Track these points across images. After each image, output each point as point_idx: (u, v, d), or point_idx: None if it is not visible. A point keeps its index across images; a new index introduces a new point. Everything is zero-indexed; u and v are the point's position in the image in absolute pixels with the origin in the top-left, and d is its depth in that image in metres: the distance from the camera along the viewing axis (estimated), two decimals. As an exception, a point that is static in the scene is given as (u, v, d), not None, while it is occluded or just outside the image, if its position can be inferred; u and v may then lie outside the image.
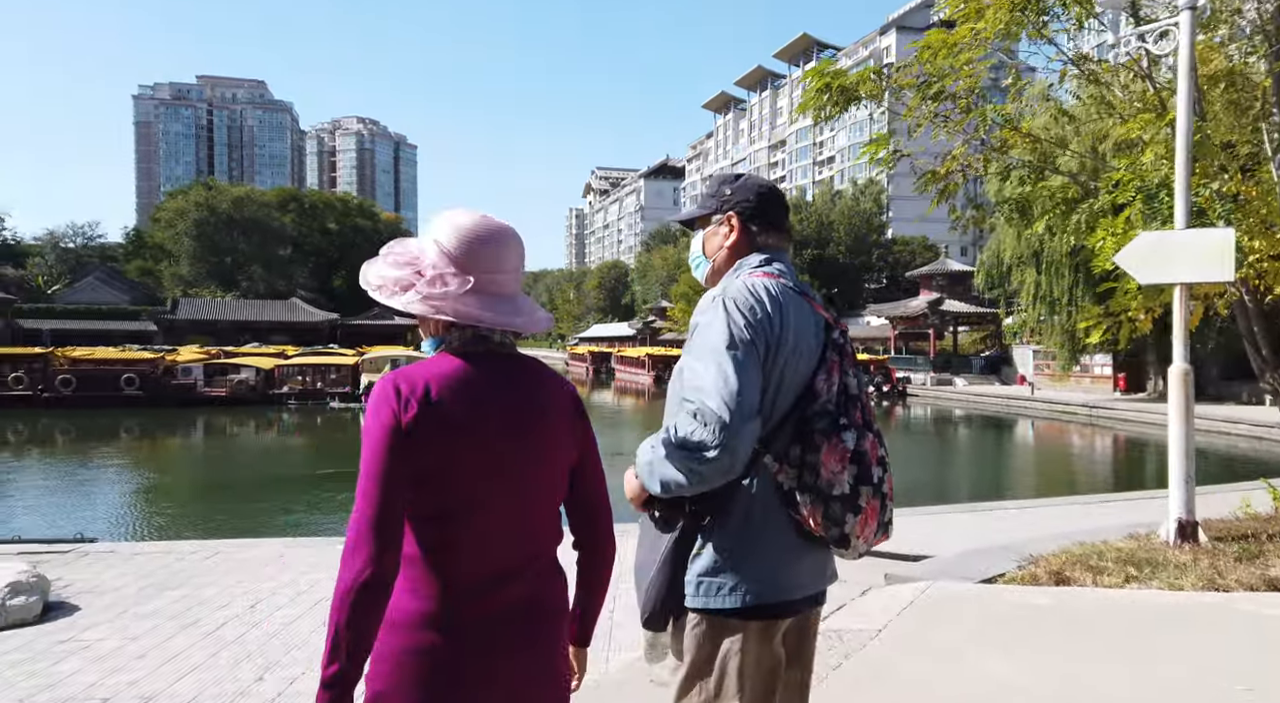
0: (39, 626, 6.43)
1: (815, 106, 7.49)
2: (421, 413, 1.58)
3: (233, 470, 21.32)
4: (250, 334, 67.27)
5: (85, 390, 36.70)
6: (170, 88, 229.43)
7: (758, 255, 2.15)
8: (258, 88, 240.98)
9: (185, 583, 7.62)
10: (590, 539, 1.94)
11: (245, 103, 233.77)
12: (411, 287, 1.69)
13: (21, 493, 18.65)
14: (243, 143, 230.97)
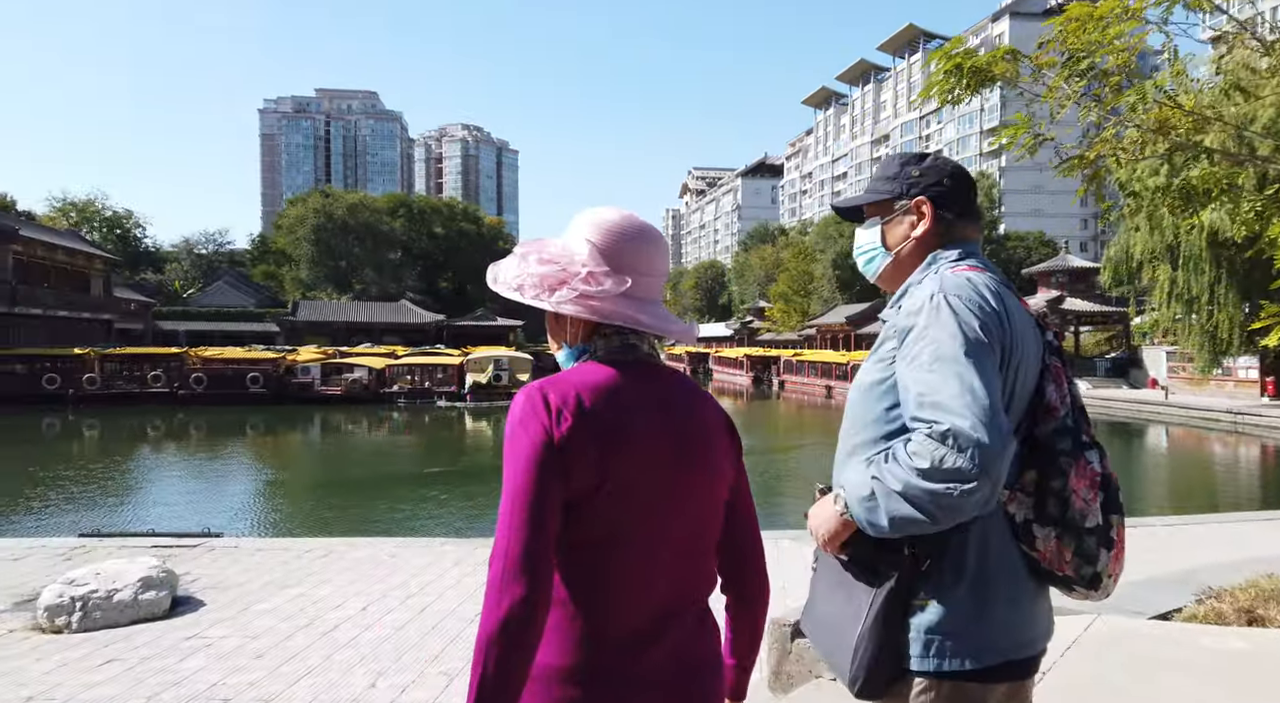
0: (167, 620, 6.65)
1: (943, 90, 6.92)
2: (576, 426, 1.39)
3: (345, 468, 22.14)
4: (363, 335, 70.24)
5: (215, 388, 39.11)
6: (292, 101, 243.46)
7: (954, 248, 1.83)
8: (370, 98, 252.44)
9: (302, 581, 7.77)
10: (744, 582, 1.68)
11: (359, 113, 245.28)
12: (562, 285, 1.51)
13: (157, 486, 19.91)
14: (357, 152, 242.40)
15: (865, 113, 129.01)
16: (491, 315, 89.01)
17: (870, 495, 1.57)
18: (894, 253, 1.90)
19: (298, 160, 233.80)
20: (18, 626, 6.51)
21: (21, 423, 32.07)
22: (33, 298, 51.23)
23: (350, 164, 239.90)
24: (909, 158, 1.92)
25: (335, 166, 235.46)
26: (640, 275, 1.54)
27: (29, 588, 7.50)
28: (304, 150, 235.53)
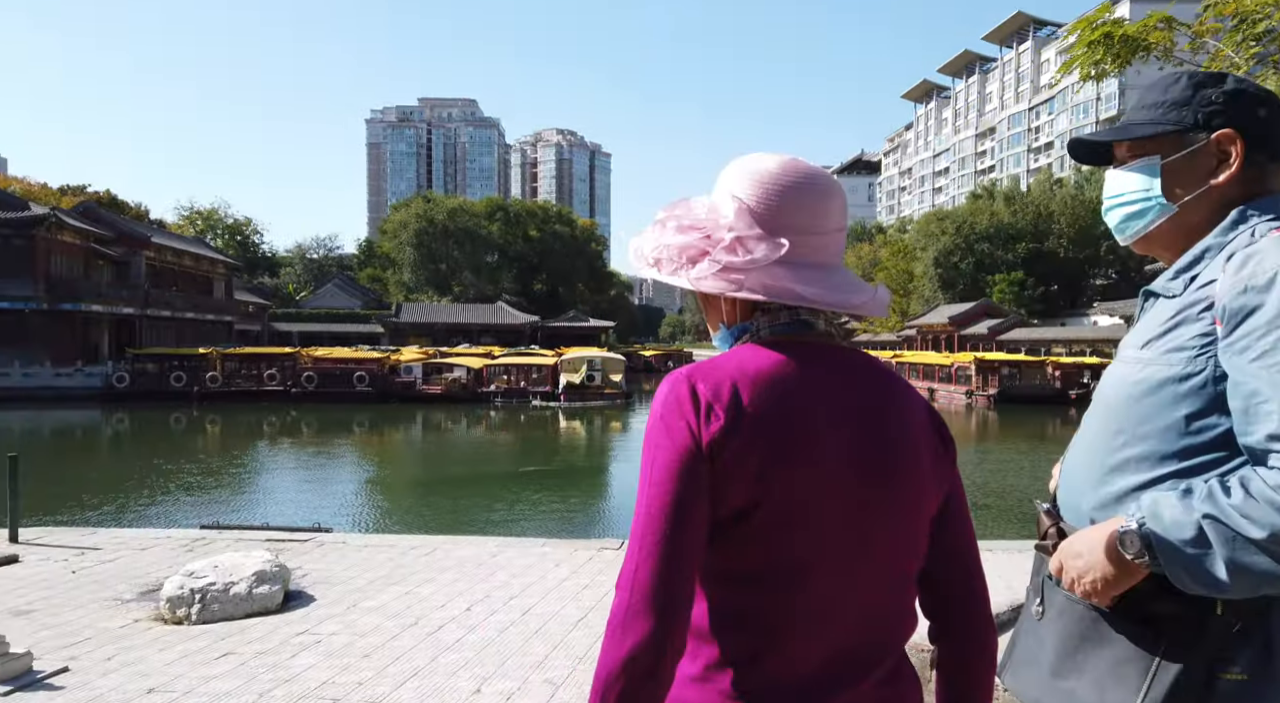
0: (280, 615, 6.75)
1: (1086, 63, 6.31)
2: (730, 426, 1.08)
3: (445, 466, 22.63)
4: (461, 335, 72.22)
5: (325, 387, 40.86)
6: (396, 111, 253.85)
7: (1264, 203, 1.35)
8: (469, 106, 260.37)
9: (406, 579, 7.79)
10: (960, 623, 1.27)
11: (459, 121, 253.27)
12: (703, 256, 1.18)
13: (271, 481, 20.82)
14: (456, 158, 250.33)
15: (969, 105, 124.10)
16: (583, 316, 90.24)
17: (1197, 539, 1.15)
18: (1178, 204, 1.41)
19: (401, 167, 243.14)
20: (142, 615, 6.73)
21: (152, 418, 34.31)
22: (162, 301, 54.89)
23: (450, 170, 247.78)
24: (1203, 78, 1.40)
25: (436, 173, 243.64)
26: (803, 235, 1.20)
27: (153, 578, 7.79)
28: (407, 158, 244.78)
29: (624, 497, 17.61)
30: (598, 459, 24.15)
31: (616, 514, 15.34)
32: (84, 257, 47.92)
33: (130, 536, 9.79)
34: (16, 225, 43.03)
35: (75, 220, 47.16)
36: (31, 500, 15.37)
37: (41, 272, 43.63)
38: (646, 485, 1.09)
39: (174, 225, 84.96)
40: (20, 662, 5.28)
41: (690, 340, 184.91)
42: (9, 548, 8.82)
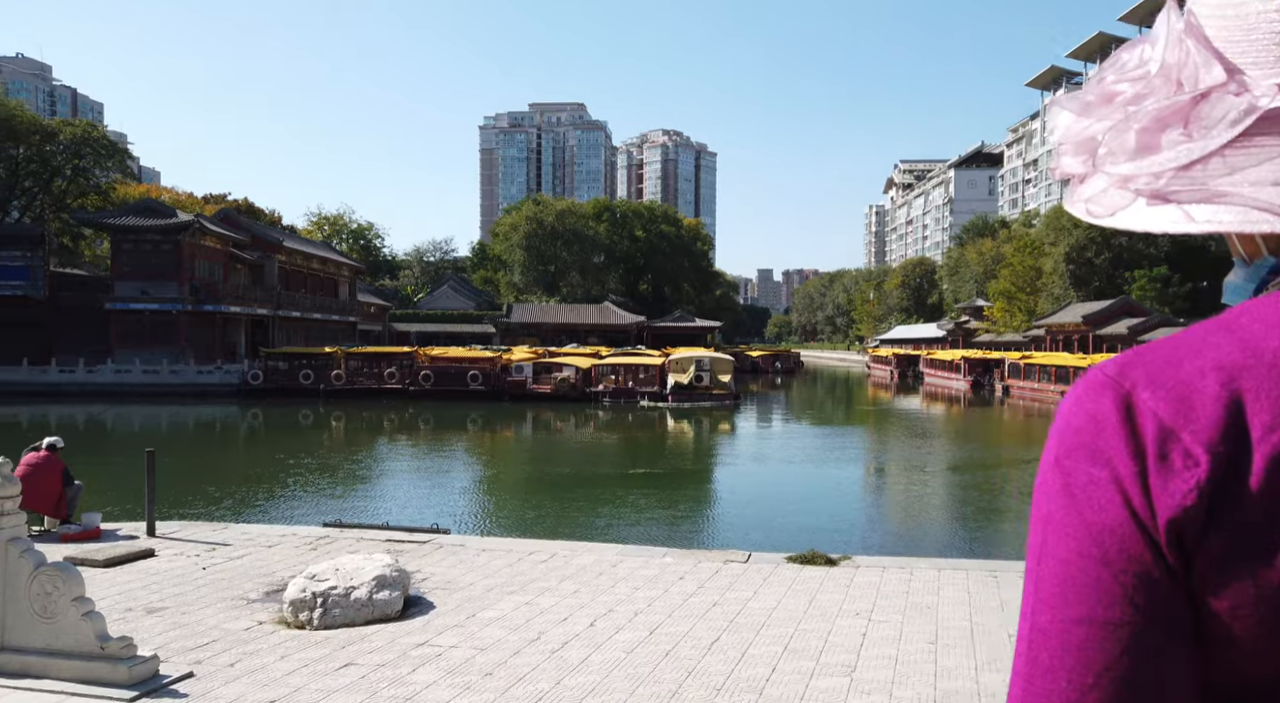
0: (399, 622, 6.52)
1: None
2: (1221, 478, 0.52)
3: (555, 465, 22.60)
4: (569, 335, 73.02)
5: (441, 385, 41.96)
6: (508, 117, 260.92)
7: None
8: (578, 110, 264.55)
9: (526, 587, 7.46)
10: None
11: (568, 125, 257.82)
12: (1163, 133, 0.58)
13: (390, 477, 21.27)
14: (565, 162, 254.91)
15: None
16: (689, 316, 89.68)
17: None
18: None
19: (513, 172, 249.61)
20: (266, 618, 6.64)
21: (283, 414, 36.12)
22: (292, 302, 57.94)
23: (559, 174, 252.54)
24: None
25: (545, 176, 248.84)
26: None
27: (278, 578, 7.76)
28: (518, 162, 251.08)
29: (736, 504, 16.95)
30: (706, 463, 23.58)
31: (731, 521, 14.73)
32: (224, 261, 51.16)
33: (258, 532, 9.94)
34: (165, 232, 46.35)
35: (216, 226, 50.40)
36: (174, 491, 16.19)
37: (186, 275, 46.83)
38: (1033, 601, 0.58)
39: (304, 230, 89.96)
40: (147, 666, 5.19)
41: (797, 341, 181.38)
42: (147, 542, 9.05)
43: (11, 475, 5.45)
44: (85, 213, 50.30)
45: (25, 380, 43.08)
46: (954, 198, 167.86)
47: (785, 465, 22.28)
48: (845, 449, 27.01)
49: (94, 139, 54.80)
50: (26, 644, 5.27)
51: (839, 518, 15.07)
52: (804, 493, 18.12)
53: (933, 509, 16.26)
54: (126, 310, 45.99)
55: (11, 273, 46.31)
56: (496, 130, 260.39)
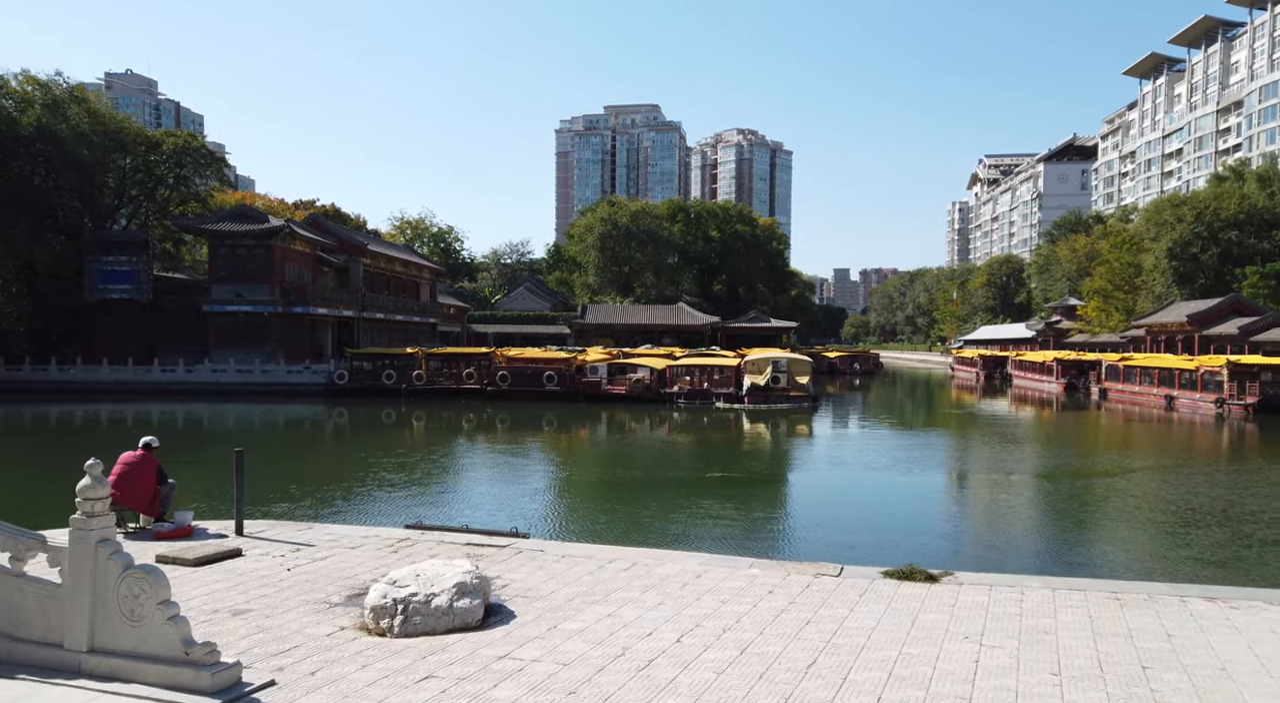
0: (480, 632, 6.32)
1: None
2: None
3: (631, 468, 22.39)
4: (643, 336, 72.94)
5: (517, 385, 42.40)
6: (584, 120, 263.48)
7: None
8: (652, 111, 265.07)
9: (608, 597, 7.19)
10: None
11: (642, 127, 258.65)
12: None
13: (468, 477, 21.42)
14: (639, 164, 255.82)
15: (1209, 78, 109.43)
16: (765, 317, 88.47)
17: None
18: None
19: (587, 174, 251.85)
20: (347, 623, 6.55)
21: (367, 413, 37.06)
22: (376, 303, 59.57)
23: (633, 175, 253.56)
24: None
25: (620, 179, 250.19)
26: None
27: (360, 581, 7.70)
28: (592, 165, 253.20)
29: (818, 512, 16.37)
30: (785, 467, 22.97)
31: (814, 530, 14.18)
32: (312, 264, 52.99)
33: (341, 532, 9.97)
34: (258, 236, 48.29)
35: (305, 231, 52.24)
36: (262, 489, 16.63)
37: (277, 278, 48.67)
38: None
39: (387, 234, 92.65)
40: (230, 673, 5.11)
41: (874, 341, 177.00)
42: (235, 541, 9.17)
43: (102, 477, 5.46)
44: (185, 219, 52.82)
45: (131, 380, 45.48)
46: (1043, 193, 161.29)
47: (868, 472, 21.51)
48: (932, 454, 25.96)
49: (194, 148, 57.51)
50: (114, 647, 5.27)
51: (930, 529, 14.35)
52: (890, 501, 17.39)
53: (1032, 521, 15.33)
54: (222, 312, 48.04)
55: (119, 277, 48.99)
56: (572, 133, 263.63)
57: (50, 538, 5.58)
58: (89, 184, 50.82)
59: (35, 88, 49.21)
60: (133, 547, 8.88)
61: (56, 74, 50.44)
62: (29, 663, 5.42)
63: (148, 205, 57.17)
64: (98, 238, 49.23)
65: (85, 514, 5.37)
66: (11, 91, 48.29)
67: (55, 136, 47.69)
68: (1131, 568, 11.04)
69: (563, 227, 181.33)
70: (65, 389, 44.74)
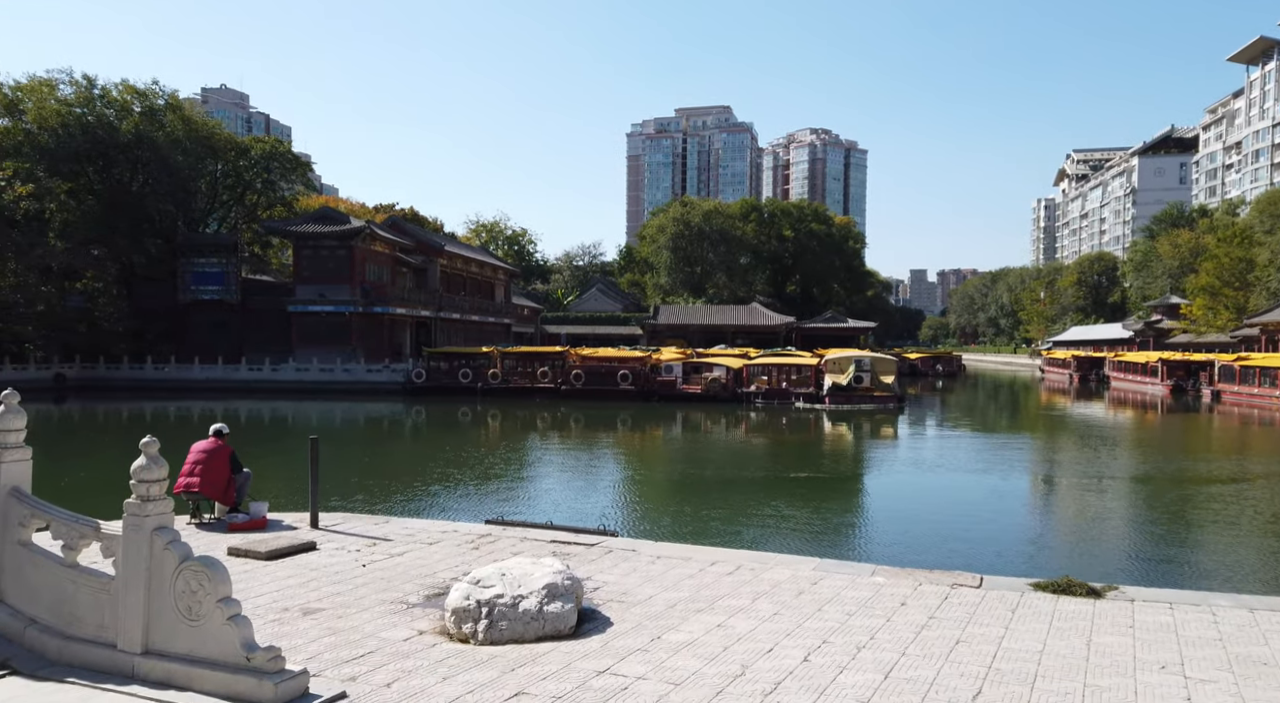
0: (574, 641, 5.54)
1: None
2: None
3: (714, 468, 21.45)
4: (715, 337, 71.78)
5: (591, 384, 41.92)
6: (654, 123, 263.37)
7: None
8: (724, 113, 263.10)
9: (714, 605, 6.32)
10: None
11: (713, 128, 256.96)
12: None
13: (546, 474, 20.83)
14: (710, 165, 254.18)
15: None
16: (841, 317, 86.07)
17: None
18: None
19: (658, 177, 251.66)
20: (426, 626, 5.85)
21: (443, 411, 37.09)
22: (453, 304, 60.15)
23: (704, 177, 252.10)
24: None
25: (690, 181, 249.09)
26: None
27: (439, 579, 7.03)
28: (663, 168, 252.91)
29: (925, 516, 15.11)
30: (877, 469, 21.64)
31: (925, 536, 12.99)
32: (391, 265, 53.79)
33: (419, 527, 9.38)
34: (340, 237, 49.25)
35: (384, 232, 53.07)
36: (339, 485, 16.37)
37: (358, 278, 49.53)
38: None
39: (463, 237, 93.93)
40: (296, 682, 4.45)
41: (954, 344, 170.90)
42: (309, 534, 8.65)
43: (159, 457, 4.89)
44: (272, 221, 54.32)
45: (220, 378, 46.86)
46: (1137, 188, 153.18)
47: (969, 475, 20.02)
48: (1038, 458, 24.19)
49: (281, 153, 59.20)
50: (170, 648, 4.67)
51: (1053, 538, 12.99)
52: (1000, 507, 15.99)
53: (1172, 530, 13.77)
54: (305, 312, 49.09)
55: (209, 278, 50.62)
56: (643, 137, 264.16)
57: (104, 527, 5.03)
58: (183, 189, 52.74)
59: (134, 96, 51.33)
60: (206, 538, 8.46)
61: (153, 83, 52.55)
62: (81, 665, 4.88)
63: (237, 210, 59.10)
64: (190, 241, 51.00)
65: (140, 498, 4.79)
66: (113, 100, 50.48)
67: (152, 143, 49.63)
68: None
69: (633, 230, 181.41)
70: (160, 387, 46.39)
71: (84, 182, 49.79)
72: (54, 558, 5.12)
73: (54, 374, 45.94)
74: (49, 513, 5.16)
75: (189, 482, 8.89)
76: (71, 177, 48.82)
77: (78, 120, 48.25)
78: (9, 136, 46.30)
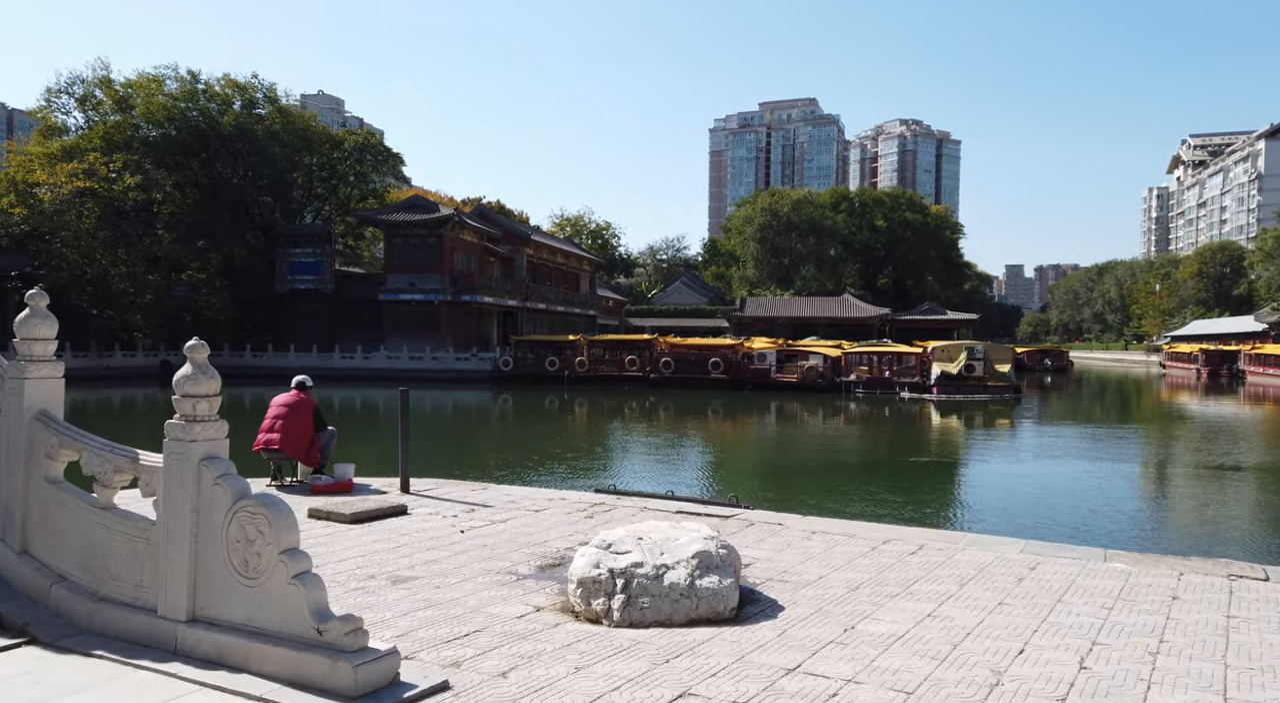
0: (739, 628, 4.15)
1: None
2: None
3: (819, 450, 19.78)
4: (805, 329, 69.36)
5: (681, 372, 40.57)
6: (738, 118, 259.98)
7: None
8: (809, 106, 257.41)
9: (911, 590, 4.84)
10: None
11: (798, 122, 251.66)
12: None
13: (640, 458, 19.53)
14: (794, 160, 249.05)
15: None
16: (939, 309, 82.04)
17: None
18: None
19: (740, 172, 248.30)
20: (544, 601, 4.57)
21: (530, 399, 36.39)
22: (539, 294, 59.77)
23: (787, 172, 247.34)
24: None
25: (774, 175, 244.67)
26: None
27: (552, 548, 5.76)
28: (746, 163, 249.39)
29: (1081, 507, 13.07)
30: (1000, 453, 19.48)
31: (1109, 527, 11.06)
32: (479, 254, 53.71)
33: (521, 494, 8.18)
34: (429, 225, 49.37)
35: (472, 221, 53.02)
36: (430, 459, 15.48)
37: (447, 267, 49.54)
38: None
39: (548, 231, 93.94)
40: (383, 665, 3.20)
41: (1056, 340, 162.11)
42: (399, 498, 7.55)
43: (208, 365, 3.74)
44: (365, 210, 55.03)
45: (315, 365, 47.52)
46: (1264, 173, 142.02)
47: (1121, 464, 17.68)
48: (1199, 448, 21.48)
49: (373, 146, 60.02)
50: (221, 615, 3.51)
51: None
52: (1178, 493, 13.80)
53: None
54: (396, 301, 49.39)
55: (305, 268, 51.54)
56: (726, 132, 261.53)
57: (143, 457, 3.92)
58: (280, 182, 53.91)
59: (234, 90, 52.71)
60: (286, 500, 7.45)
61: (253, 76, 53.88)
62: (115, 633, 3.78)
63: (331, 202, 60.19)
64: (287, 232, 52.04)
65: (184, 418, 3.65)
66: (215, 94, 51.95)
67: (252, 136, 50.81)
68: None
69: (715, 226, 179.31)
70: (257, 374, 47.36)
71: (188, 175, 51.39)
72: (85, 498, 4.05)
73: (160, 361, 47.50)
74: (81, 441, 4.10)
75: (269, 438, 7.92)
76: (176, 169, 50.45)
77: (182, 114, 49.79)
78: (120, 131, 48.11)
